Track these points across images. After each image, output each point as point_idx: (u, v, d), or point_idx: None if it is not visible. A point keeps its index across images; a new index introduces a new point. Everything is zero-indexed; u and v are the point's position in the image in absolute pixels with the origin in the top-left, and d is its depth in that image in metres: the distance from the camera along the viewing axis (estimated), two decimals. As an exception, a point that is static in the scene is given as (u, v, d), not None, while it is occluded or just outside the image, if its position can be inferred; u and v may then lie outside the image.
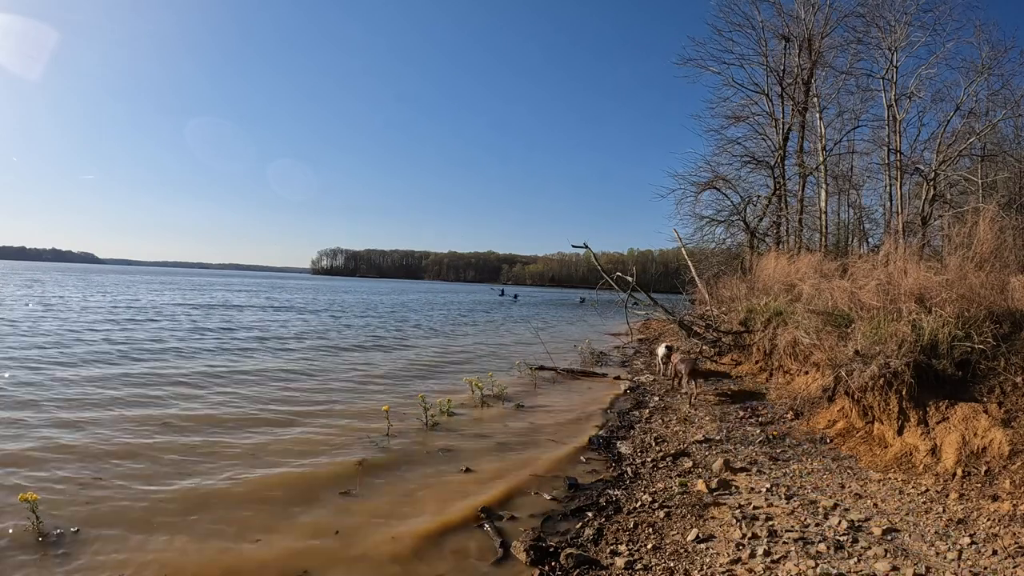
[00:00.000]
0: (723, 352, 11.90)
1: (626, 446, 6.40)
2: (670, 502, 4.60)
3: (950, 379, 5.37)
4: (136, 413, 7.06)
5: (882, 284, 7.07)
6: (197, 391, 8.51)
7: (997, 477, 4.44)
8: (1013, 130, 14.75)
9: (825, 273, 9.75)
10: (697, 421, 7.38)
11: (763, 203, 16.29)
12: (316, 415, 7.47)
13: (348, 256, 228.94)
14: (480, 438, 6.70)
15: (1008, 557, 3.46)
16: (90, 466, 5.14)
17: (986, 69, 13.13)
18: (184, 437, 6.16)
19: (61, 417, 6.65)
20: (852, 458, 5.53)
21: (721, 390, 9.01)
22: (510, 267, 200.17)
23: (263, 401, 8.09)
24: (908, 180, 14.65)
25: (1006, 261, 6.97)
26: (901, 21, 14.01)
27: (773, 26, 15.60)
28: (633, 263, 24.38)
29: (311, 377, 10.15)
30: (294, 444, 6.13)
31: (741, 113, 16.57)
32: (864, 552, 3.61)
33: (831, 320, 7.57)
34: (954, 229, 8.48)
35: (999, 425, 4.76)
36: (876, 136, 15.84)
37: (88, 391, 8.06)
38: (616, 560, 3.67)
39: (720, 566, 3.52)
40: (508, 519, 4.40)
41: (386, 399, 8.24)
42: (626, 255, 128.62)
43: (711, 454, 5.89)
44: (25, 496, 3.86)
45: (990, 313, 5.72)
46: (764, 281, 11.64)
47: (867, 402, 5.80)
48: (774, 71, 15.73)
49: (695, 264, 15.88)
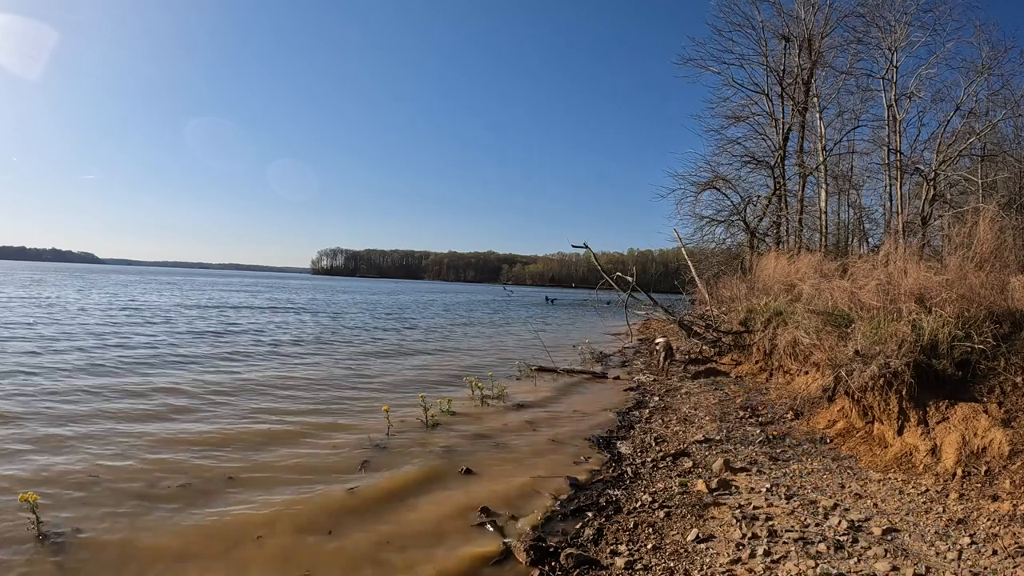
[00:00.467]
0: (723, 352, 11.91)
1: (626, 446, 6.40)
2: (670, 502, 4.60)
3: (950, 379, 5.37)
4: (136, 429, 7.05)
5: (882, 284, 7.07)
6: (191, 400, 8.50)
7: (997, 477, 4.44)
8: (1013, 130, 14.77)
9: (825, 273, 9.75)
10: (697, 421, 7.38)
11: (763, 203, 16.30)
12: (315, 415, 7.47)
13: (348, 256, 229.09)
14: (480, 438, 6.70)
15: (1008, 557, 3.46)
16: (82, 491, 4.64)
17: (986, 69, 13.14)
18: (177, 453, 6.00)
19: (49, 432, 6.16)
20: (852, 458, 5.53)
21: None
22: (510, 267, 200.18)
23: (262, 401, 8.09)
24: (908, 180, 14.67)
25: (1006, 261, 6.97)
26: (901, 21, 14.03)
27: (773, 26, 15.63)
28: (633, 263, 24.39)
29: (311, 376, 10.14)
30: (294, 442, 6.15)
31: (741, 113, 16.59)
32: (864, 552, 3.61)
33: (831, 320, 7.57)
34: (954, 229, 8.48)
35: (999, 425, 4.77)
36: (876, 136, 15.87)
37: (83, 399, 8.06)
38: (616, 560, 3.67)
39: (720, 566, 3.52)
40: (508, 519, 4.40)
41: (386, 399, 8.24)
42: (626, 255, 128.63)
43: (711, 454, 5.89)
44: (25, 496, 3.87)
45: (990, 313, 5.72)
46: (764, 281, 11.65)
47: (867, 402, 5.80)
48: (774, 71, 15.74)
49: (695, 264, 15.90)
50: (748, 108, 16.51)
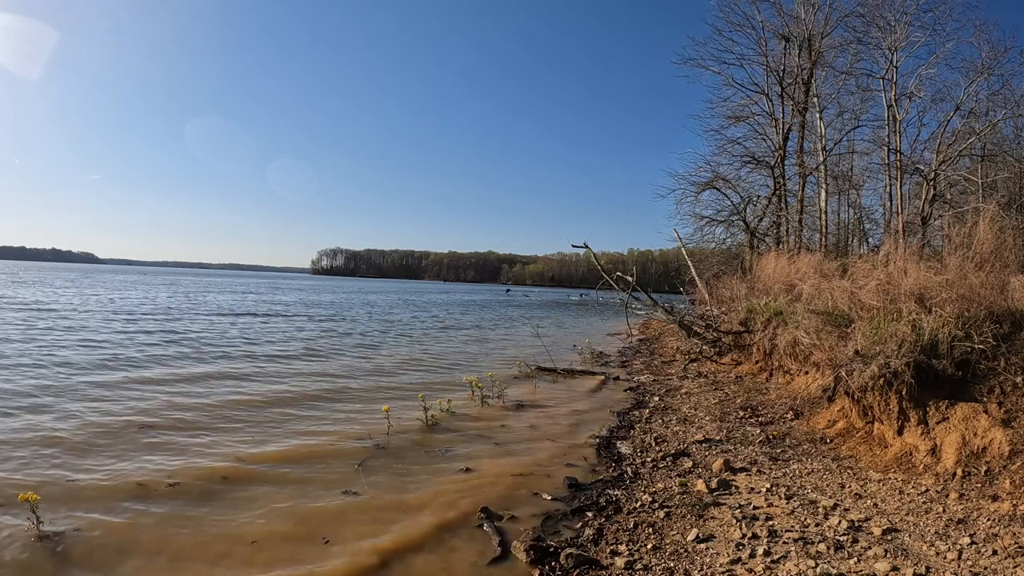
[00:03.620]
0: (723, 352, 11.90)
1: (626, 446, 6.40)
2: (670, 502, 4.60)
3: (950, 379, 5.37)
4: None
5: (882, 284, 7.07)
6: (185, 398, 8.51)
7: (997, 477, 4.44)
8: (1013, 130, 14.79)
9: (825, 273, 9.76)
10: (697, 421, 7.38)
11: (763, 203, 16.31)
12: (316, 413, 7.47)
13: (348, 256, 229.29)
14: (480, 438, 6.70)
15: (1008, 557, 3.46)
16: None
17: (986, 69, 13.15)
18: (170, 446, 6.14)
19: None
20: (852, 458, 5.53)
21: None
22: (510, 267, 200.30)
23: (264, 396, 8.09)
24: (908, 180, 14.68)
25: (1006, 261, 6.97)
26: (901, 21, 14.03)
27: (773, 26, 15.63)
28: (633, 263, 24.37)
29: (311, 376, 10.15)
30: (295, 436, 6.14)
31: (741, 113, 16.61)
32: (864, 552, 3.61)
33: (831, 320, 7.57)
34: (954, 229, 8.47)
35: (999, 425, 4.77)
36: (876, 136, 15.88)
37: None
38: (616, 560, 3.67)
39: (720, 566, 3.52)
40: (508, 519, 4.40)
41: (385, 399, 8.24)
42: (626, 255, 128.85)
43: (711, 454, 5.89)
44: (25, 496, 3.86)
45: (990, 313, 5.72)
46: (764, 281, 11.65)
47: (867, 402, 5.80)
48: (774, 71, 15.74)
49: (695, 264, 15.90)
50: (748, 108, 16.54)
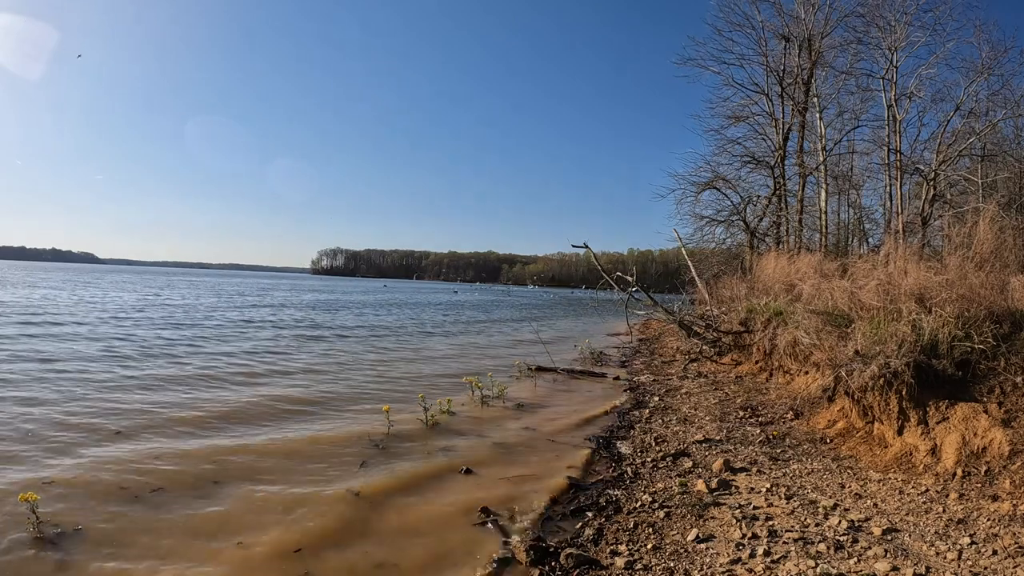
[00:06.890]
0: (723, 352, 11.91)
1: (626, 446, 6.40)
2: (670, 502, 4.60)
3: (950, 379, 5.37)
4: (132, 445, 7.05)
5: (882, 284, 7.07)
6: (184, 397, 8.51)
7: (997, 477, 4.44)
8: (1013, 130, 14.80)
9: (825, 273, 9.76)
10: (697, 421, 7.38)
11: (763, 203, 16.32)
12: (315, 413, 7.47)
13: (348, 256, 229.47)
14: (480, 438, 6.69)
15: (1008, 557, 3.46)
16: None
17: (986, 69, 13.15)
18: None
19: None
20: (852, 458, 5.53)
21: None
22: (510, 267, 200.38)
23: (264, 395, 8.09)
24: (908, 180, 14.68)
25: (1006, 261, 6.97)
26: (901, 21, 14.04)
27: (773, 26, 15.64)
28: (633, 263, 24.39)
29: (310, 375, 10.15)
30: (294, 438, 6.14)
31: (741, 113, 16.62)
32: (864, 552, 3.61)
33: (831, 320, 7.57)
34: (954, 229, 8.47)
35: (999, 425, 4.77)
36: (876, 136, 15.89)
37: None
38: (616, 560, 3.67)
39: (720, 566, 3.52)
40: (508, 519, 4.40)
41: (385, 399, 8.24)
42: (626, 255, 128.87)
43: (711, 454, 5.89)
44: (25, 496, 3.86)
45: (990, 313, 5.72)
46: (764, 281, 11.65)
47: (867, 402, 5.80)
48: (774, 71, 15.75)
49: (695, 264, 15.90)
50: (748, 108, 16.55)
